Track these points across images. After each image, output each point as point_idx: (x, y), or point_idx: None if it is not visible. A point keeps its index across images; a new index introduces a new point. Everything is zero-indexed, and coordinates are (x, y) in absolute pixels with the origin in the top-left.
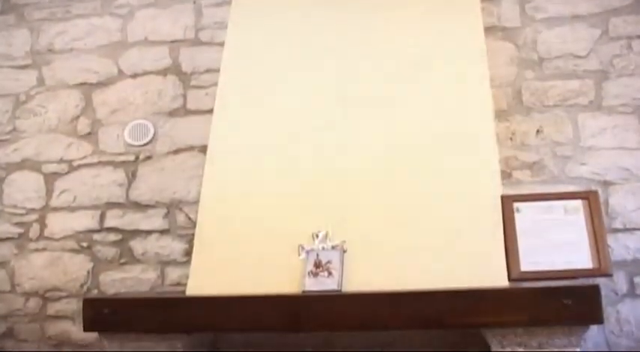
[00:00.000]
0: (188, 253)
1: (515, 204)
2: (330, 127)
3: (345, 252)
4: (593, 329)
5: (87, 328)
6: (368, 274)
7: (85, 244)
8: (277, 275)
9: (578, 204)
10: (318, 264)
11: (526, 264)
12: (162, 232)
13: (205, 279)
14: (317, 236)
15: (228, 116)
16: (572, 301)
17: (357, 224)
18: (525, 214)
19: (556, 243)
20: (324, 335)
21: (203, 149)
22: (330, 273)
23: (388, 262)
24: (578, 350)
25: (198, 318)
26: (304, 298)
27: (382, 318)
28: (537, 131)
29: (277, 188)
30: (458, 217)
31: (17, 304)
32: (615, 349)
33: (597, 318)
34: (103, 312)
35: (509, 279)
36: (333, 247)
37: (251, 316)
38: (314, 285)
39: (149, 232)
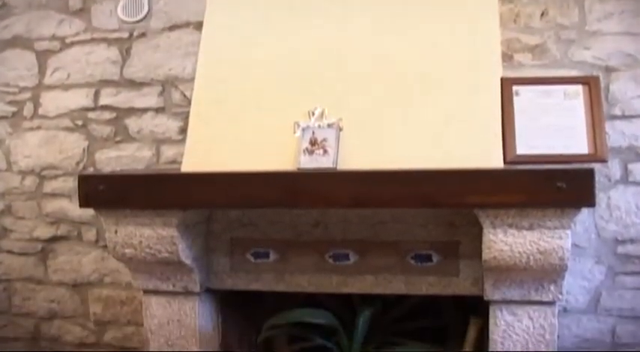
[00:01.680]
0: (183, 131)
1: (515, 87)
2: (330, 4)
3: (341, 130)
4: (584, 213)
5: (83, 204)
6: (363, 153)
7: (79, 122)
8: (273, 152)
9: (578, 89)
10: (313, 142)
11: (522, 148)
12: (158, 110)
13: (201, 157)
14: (313, 113)
15: None
16: (566, 184)
17: (354, 102)
18: (524, 98)
19: (553, 128)
20: (317, 212)
21: (199, 26)
22: (325, 151)
23: (384, 141)
24: (568, 231)
25: (193, 194)
26: (299, 175)
27: (376, 196)
28: (542, 13)
29: (274, 65)
30: (456, 98)
31: (14, 182)
32: (603, 234)
33: (590, 201)
34: (99, 189)
35: (505, 162)
36: (329, 125)
37: (246, 192)
38: (309, 163)
39: (144, 110)
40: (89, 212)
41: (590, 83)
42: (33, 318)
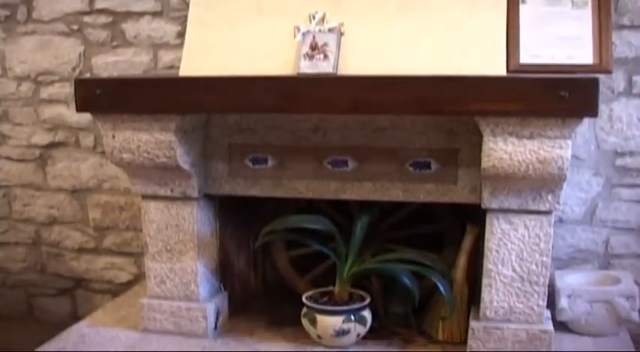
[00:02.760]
0: (181, 35)
1: None
2: None
3: (342, 35)
4: (584, 124)
5: (79, 109)
6: (364, 58)
7: (75, 27)
8: (272, 57)
9: None
10: (313, 46)
11: (526, 57)
12: (155, 14)
13: (199, 62)
14: (314, 17)
15: None
16: (569, 93)
17: (356, 7)
18: (531, 5)
19: (559, 37)
20: (316, 117)
21: None
22: (325, 56)
23: (386, 47)
24: (568, 141)
25: (191, 99)
26: (299, 80)
27: (376, 102)
28: None
29: None
30: (460, 5)
31: (10, 88)
32: (602, 146)
33: (592, 112)
34: (96, 93)
35: (508, 71)
36: (329, 29)
37: (245, 97)
38: (309, 68)
39: (141, 14)
40: (86, 117)
41: None
42: (33, 224)
